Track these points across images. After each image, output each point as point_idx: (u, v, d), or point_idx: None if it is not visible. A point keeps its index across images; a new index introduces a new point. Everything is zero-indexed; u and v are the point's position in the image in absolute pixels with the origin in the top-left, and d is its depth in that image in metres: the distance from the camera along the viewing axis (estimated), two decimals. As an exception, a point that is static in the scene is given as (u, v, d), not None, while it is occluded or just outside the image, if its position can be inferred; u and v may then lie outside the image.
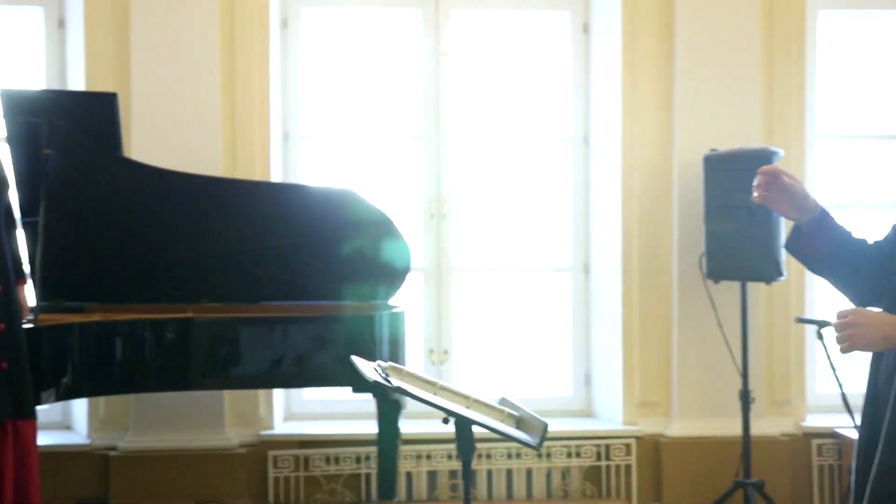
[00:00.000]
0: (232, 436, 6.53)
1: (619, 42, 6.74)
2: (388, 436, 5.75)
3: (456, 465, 6.58)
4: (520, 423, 3.84)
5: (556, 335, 7.14)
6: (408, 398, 3.85)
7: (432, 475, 6.65)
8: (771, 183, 3.42)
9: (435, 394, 3.77)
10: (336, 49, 6.92)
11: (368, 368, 3.81)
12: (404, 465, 6.51)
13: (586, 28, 6.97)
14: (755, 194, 3.45)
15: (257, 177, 6.50)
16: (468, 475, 3.79)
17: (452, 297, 6.98)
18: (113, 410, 6.52)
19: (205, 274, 5.93)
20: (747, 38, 6.66)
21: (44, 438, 5.88)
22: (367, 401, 5.80)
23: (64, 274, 5.78)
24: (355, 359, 3.91)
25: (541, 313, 7.15)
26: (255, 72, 6.54)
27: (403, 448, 6.27)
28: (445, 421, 3.74)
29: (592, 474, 6.75)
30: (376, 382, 3.75)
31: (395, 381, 3.67)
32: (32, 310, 5.48)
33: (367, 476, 6.58)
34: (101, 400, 6.45)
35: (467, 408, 3.77)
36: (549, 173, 7.09)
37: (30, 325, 5.31)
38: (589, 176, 7.01)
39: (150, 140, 6.31)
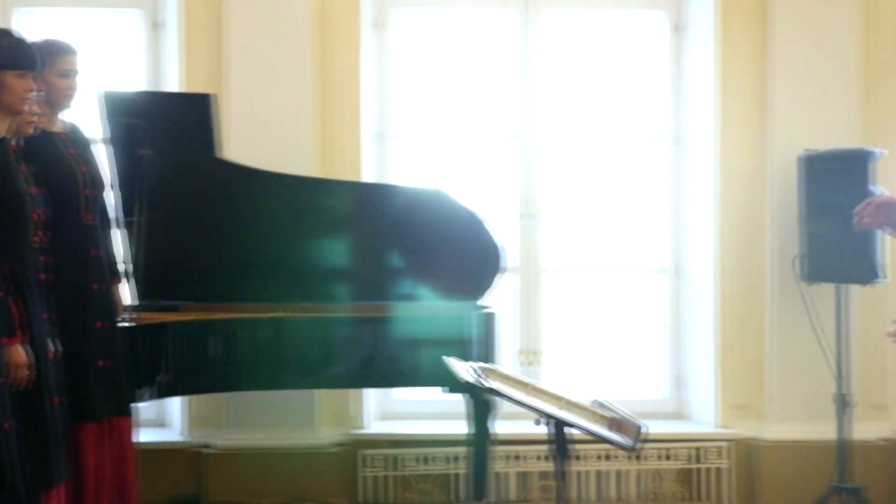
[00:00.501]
0: (323, 435, 6.56)
1: (713, 41, 6.67)
2: (480, 436, 5.74)
3: (547, 465, 6.56)
4: (614, 425, 3.82)
5: (649, 336, 7.09)
6: (499, 398, 3.84)
7: (523, 476, 6.63)
8: (885, 214, 3.33)
9: (529, 395, 3.76)
10: (427, 49, 6.93)
11: (463, 369, 3.81)
12: (495, 466, 6.50)
13: (680, 27, 6.91)
14: (855, 220, 3.38)
15: (349, 177, 6.52)
16: (562, 477, 3.77)
17: (543, 298, 6.96)
18: (207, 408, 6.59)
19: (297, 273, 5.95)
20: (844, 36, 6.56)
21: (140, 435, 5.94)
22: (458, 401, 5.79)
23: (160, 273, 5.82)
24: (449, 359, 3.91)
25: (633, 314, 7.10)
26: (347, 73, 6.57)
27: (494, 448, 6.26)
28: (538, 423, 3.73)
29: (685, 477, 6.69)
30: (469, 383, 3.75)
31: (490, 383, 3.67)
32: (130, 308, 5.55)
33: (458, 476, 6.57)
34: (196, 398, 6.51)
35: (561, 409, 3.76)
36: (642, 174, 7.04)
37: (127, 324, 5.39)
38: (682, 176, 6.95)
39: (244, 140, 6.35)
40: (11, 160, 4.54)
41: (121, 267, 5.54)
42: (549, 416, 3.64)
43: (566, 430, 3.71)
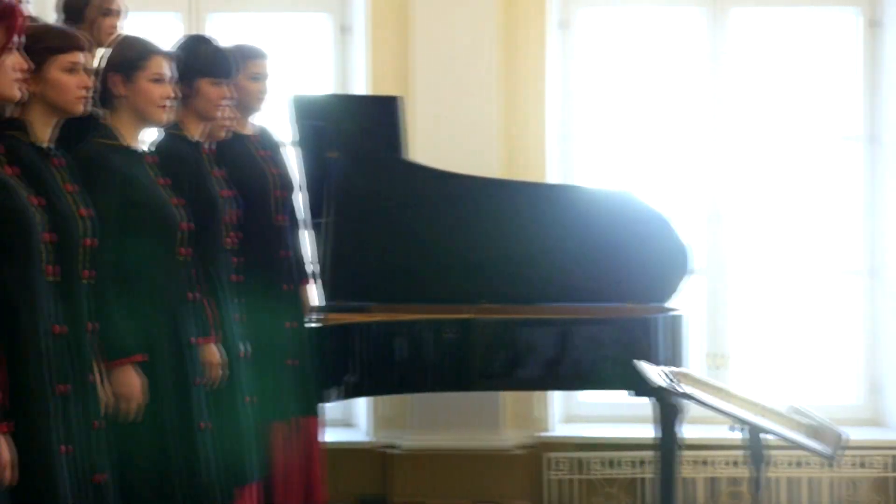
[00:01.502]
0: (509, 437, 6.54)
1: (912, 36, 6.47)
2: (667, 441, 5.64)
3: (736, 471, 6.43)
4: (812, 432, 3.71)
5: (842, 340, 6.88)
6: (688, 402, 3.76)
7: (712, 482, 6.52)
8: None
9: (724, 401, 3.68)
10: (614, 49, 6.86)
11: (655, 374, 3.75)
12: (683, 471, 6.38)
13: (875, 23, 6.71)
14: None
15: (533, 178, 6.50)
16: (759, 484, 3.68)
17: (731, 300, 6.82)
18: (393, 409, 6.62)
19: (484, 275, 5.93)
20: None
21: (327, 435, 6.01)
22: (644, 404, 5.70)
23: (348, 274, 5.86)
24: (641, 364, 3.85)
25: (825, 317, 6.90)
26: (532, 73, 6.55)
27: (683, 453, 6.15)
28: (733, 429, 3.64)
29: (880, 486, 6.49)
30: (659, 387, 3.68)
31: (685, 389, 3.60)
32: (318, 309, 5.62)
33: (645, 481, 6.49)
34: (382, 398, 6.55)
35: (758, 416, 3.67)
36: (834, 174, 6.85)
37: (316, 325, 5.45)
38: (877, 176, 6.74)
39: (430, 142, 6.38)
40: (205, 164, 4.63)
41: (309, 268, 5.61)
42: (745, 423, 3.55)
43: (762, 436, 3.62)
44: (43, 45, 3.63)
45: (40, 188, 3.55)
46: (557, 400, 6.78)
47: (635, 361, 3.92)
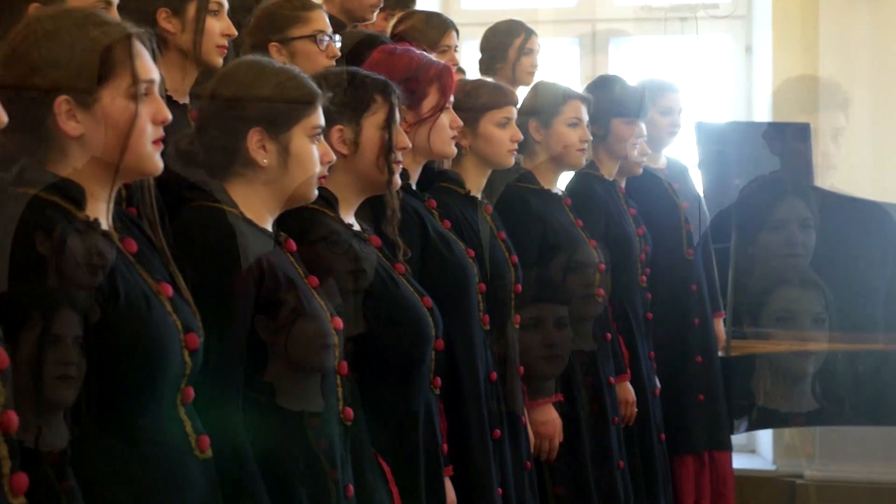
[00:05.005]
0: (927, 469, 6.27)
1: None
2: None
3: None
4: None
5: None
6: None
7: None
8: None
9: None
10: None
11: None
12: None
13: None
14: None
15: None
16: None
17: None
18: (798, 437, 6.44)
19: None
20: None
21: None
22: None
23: (749, 301, 5.77)
24: None
25: None
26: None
27: None
28: None
29: None
30: None
31: None
32: (723, 338, 5.56)
33: None
34: (785, 425, 6.42)
35: None
36: None
37: (723, 355, 5.39)
38: None
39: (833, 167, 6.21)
40: (622, 203, 4.68)
41: (718, 299, 5.54)
42: None
43: None
44: (478, 101, 3.76)
45: (471, 239, 3.66)
46: (975, 432, 6.45)
47: None
